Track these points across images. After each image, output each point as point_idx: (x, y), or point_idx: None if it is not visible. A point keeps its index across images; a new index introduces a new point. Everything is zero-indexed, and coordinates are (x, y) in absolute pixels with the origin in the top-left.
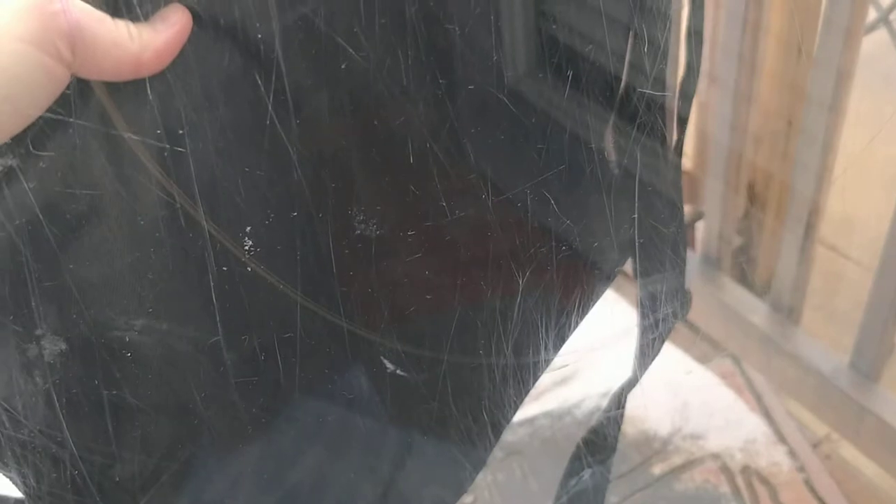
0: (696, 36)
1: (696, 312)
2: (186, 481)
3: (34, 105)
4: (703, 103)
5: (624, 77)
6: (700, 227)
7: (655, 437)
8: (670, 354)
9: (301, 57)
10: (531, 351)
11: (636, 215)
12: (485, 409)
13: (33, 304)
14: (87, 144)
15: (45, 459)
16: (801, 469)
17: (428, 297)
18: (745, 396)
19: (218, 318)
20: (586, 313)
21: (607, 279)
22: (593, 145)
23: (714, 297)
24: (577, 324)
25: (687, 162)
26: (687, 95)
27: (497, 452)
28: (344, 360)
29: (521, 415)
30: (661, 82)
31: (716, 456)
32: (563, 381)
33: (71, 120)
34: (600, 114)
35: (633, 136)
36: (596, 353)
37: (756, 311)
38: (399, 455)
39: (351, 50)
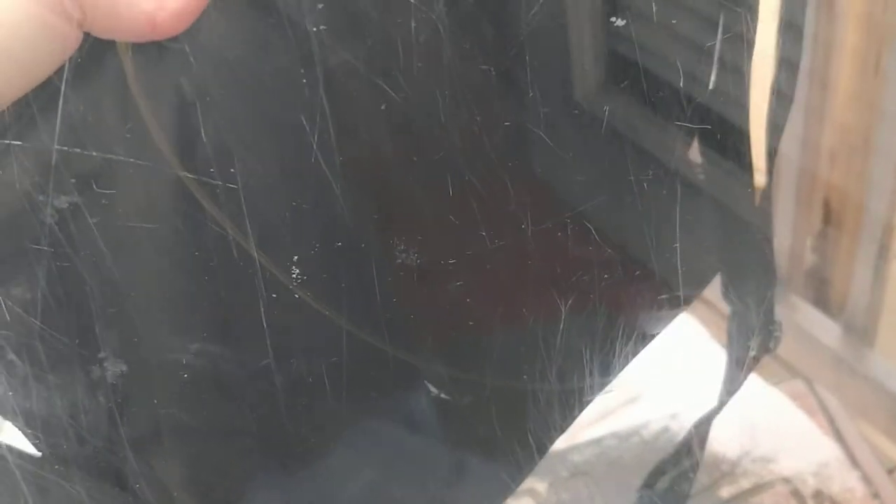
0: (788, 65)
1: None
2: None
3: (40, 65)
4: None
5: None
6: None
7: (724, 460)
8: None
9: (344, 99)
10: (575, 377)
11: (709, 239)
12: (530, 432)
13: (97, 329)
14: (147, 183)
15: (108, 475)
16: (876, 496)
17: (470, 323)
18: (818, 419)
19: (268, 343)
20: (639, 345)
21: (656, 311)
22: (633, 177)
23: (785, 317)
24: (626, 354)
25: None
26: (776, 125)
27: (563, 472)
28: (389, 384)
29: (588, 435)
30: (742, 108)
31: (787, 480)
32: (630, 402)
33: (131, 160)
34: (652, 144)
35: (706, 161)
36: (664, 375)
37: (829, 332)
38: (449, 475)
39: (391, 91)
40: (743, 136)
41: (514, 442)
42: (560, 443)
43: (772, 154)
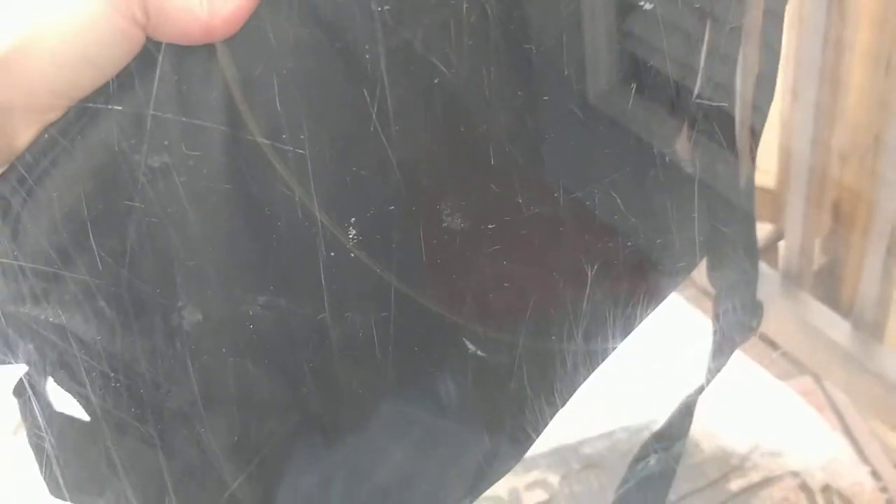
0: (769, 49)
1: (776, 329)
2: (288, 460)
3: (111, 64)
4: (786, 120)
5: (696, 88)
6: (781, 244)
7: (733, 454)
8: (750, 371)
9: (401, 74)
10: (599, 339)
11: (697, 216)
12: (556, 391)
13: (177, 280)
14: (227, 148)
15: (178, 418)
16: (884, 490)
17: (505, 285)
18: (827, 415)
19: (325, 297)
20: (652, 308)
21: (672, 277)
22: (657, 151)
23: (795, 314)
24: (642, 317)
25: (769, 180)
26: (760, 107)
27: (575, 464)
28: (431, 340)
29: (599, 428)
30: (729, 92)
31: (795, 474)
32: (642, 396)
33: (215, 126)
34: (669, 123)
35: (694, 141)
36: (676, 370)
37: (838, 328)
38: (480, 435)
39: (443, 68)
40: (731, 121)
41: (542, 399)
42: (572, 436)
43: (756, 138)
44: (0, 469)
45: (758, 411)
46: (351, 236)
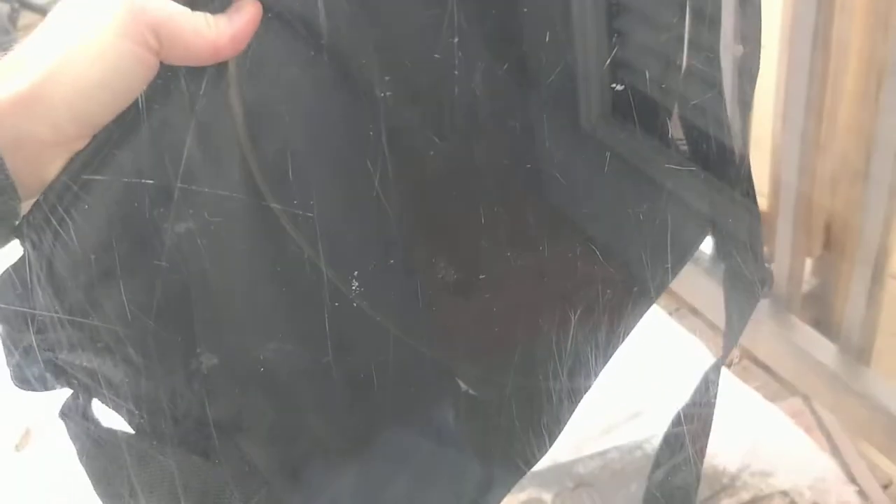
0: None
1: (767, 352)
2: (297, 488)
3: (129, 91)
4: (776, 146)
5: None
6: (773, 266)
7: (724, 473)
8: (741, 392)
9: (400, 147)
10: (582, 375)
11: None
12: (543, 425)
13: (196, 329)
14: (245, 213)
15: (195, 450)
16: None
17: (496, 329)
18: (815, 435)
19: (330, 343)
20: (630, 330)
21: (650, 300)
22: (630, 209)
23: (784, 337)
24: (622, 341)
25: (761, 203)
26: (745, 102)
27: (568, 483)
28: (426, 380)
29: (592, 448)
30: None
31: (784, 493)
32: (634, 416)
33: (235, 195)
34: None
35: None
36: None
37: (826, 351)
38: (473, 466)
39: (437, 140)
40: (723, 107)
41: (530, 433)
42: (566, 455)
43: (746, 124)
44: (2, 484)
45: (748, 432)
46: (354, 288)
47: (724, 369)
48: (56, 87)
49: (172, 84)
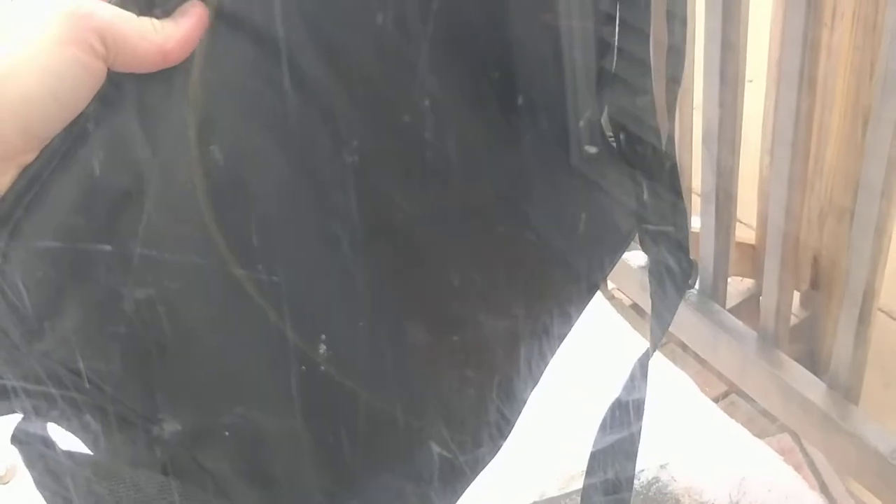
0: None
1: (754, 387)
2: None
3: (77, 100)
4: (762, 185)
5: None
6: (762, 299)
7: None
8: (728, 428)
9: (368, 215)
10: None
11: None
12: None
13: (158, 396)
14: (209, 278)
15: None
16: None
17: (470, 391)
18: (805, 473)
19: (298, 407)
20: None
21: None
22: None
23: (771, 373)
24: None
25: (750, 236)
26: (673, 78)
27: None
28: (398, 443)
29: (579, 483)
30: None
31: None
32: None
33: (198, 261)
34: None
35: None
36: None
37: (814, 388)
38: None
39: (405, 205)
40: (648, 96)
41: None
42: (554, 489)
43: (671, 107)
44: None
45: (736, 469)
46: (321, 352)
47: (711, 404)
48: (5, 97)
49: (122, 92)
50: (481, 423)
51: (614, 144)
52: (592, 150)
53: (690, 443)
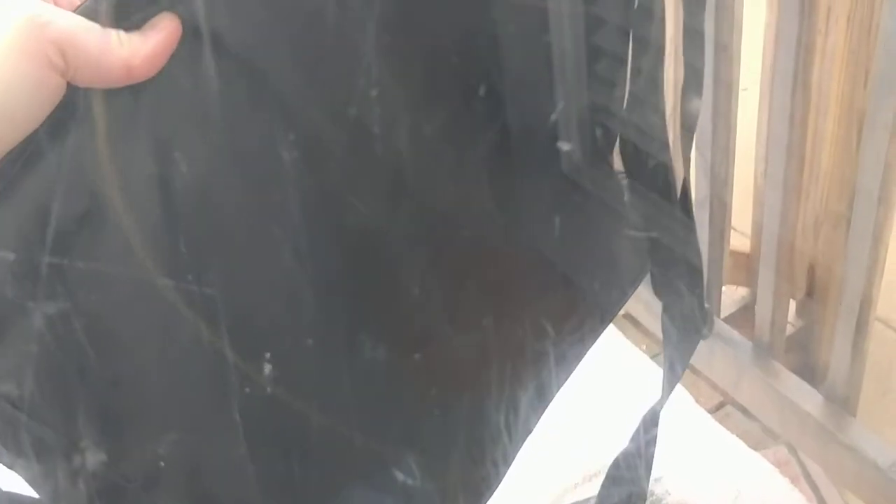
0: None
1: (749, 399)
2: None
3: (31, 116)
4: (757, 192)
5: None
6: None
7: None
8: (723, 440)
9: (315, 216)
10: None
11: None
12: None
13: (79, 422)
14: (129, 290)
15: None
16: None
17: (436, 412)
18: (801, 486)
19: (242, 433)
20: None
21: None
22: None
23: (767, 384)
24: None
25: (745, 244)
26: (688, 128)
27: None
28: (357, 470)
29: (572, 497)
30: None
31: None
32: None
33: (115, 270)
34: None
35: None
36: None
37: (811, 400)
38: None
39: (360, 207)
40: (662, 143)
41: None
42: None
43: (686, 155)
44: None
45: (732, 481)
46: (266, 372)
47: (705, 415)
48: None
49: (82, 108)
50: (452, 448)
51: (625, 182)
52: (566, 146)
53: (685, 455)
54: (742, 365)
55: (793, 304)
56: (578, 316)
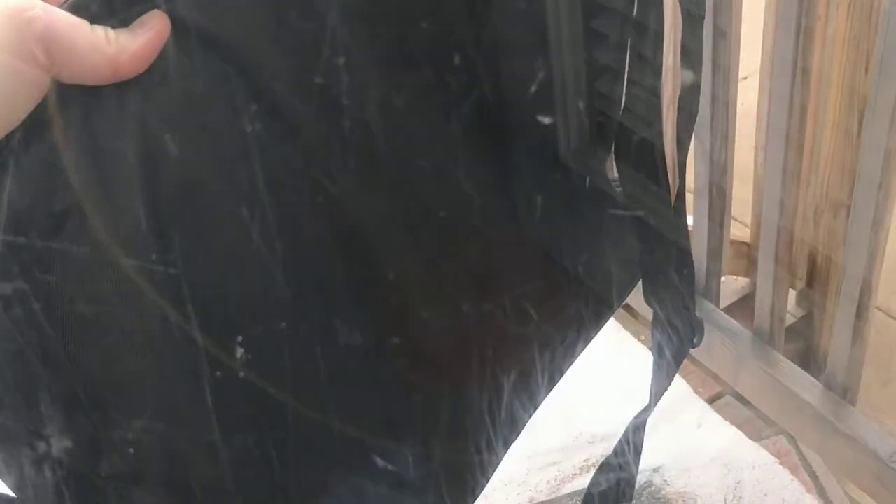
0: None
1: (749, 389)
2: None
3: (13, 112)
4: (757, 180)
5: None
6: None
7: None
8: (723, 430)
9: (281, 190)
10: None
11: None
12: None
13: (42, 407)
14: (89, 270)
15: None
16: None
17: (416, 398)
18: (801, 476)
19: (213, 419)
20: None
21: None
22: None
23: (766, 373)
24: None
25: (746, 234)
26: (682, 140)
27: None
28: (335, 456)
29: (569, 488)
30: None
31: None
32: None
33: (73, 248)
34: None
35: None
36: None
37: (811, 389)
38: None
39: (326, 184)
40: (657, 153)
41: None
42: (543, 495)
43: (682, 167)
44: None
45: (731, 472)
46: (238, 356)
47: (705, 405)
48: None
49: (66, 104)
50: (433, 435)
51: (620, 189)
52: (546, 120)
53: (684, 446)
54: (741, 355)
55: (793, 295)
56: (562, 299)
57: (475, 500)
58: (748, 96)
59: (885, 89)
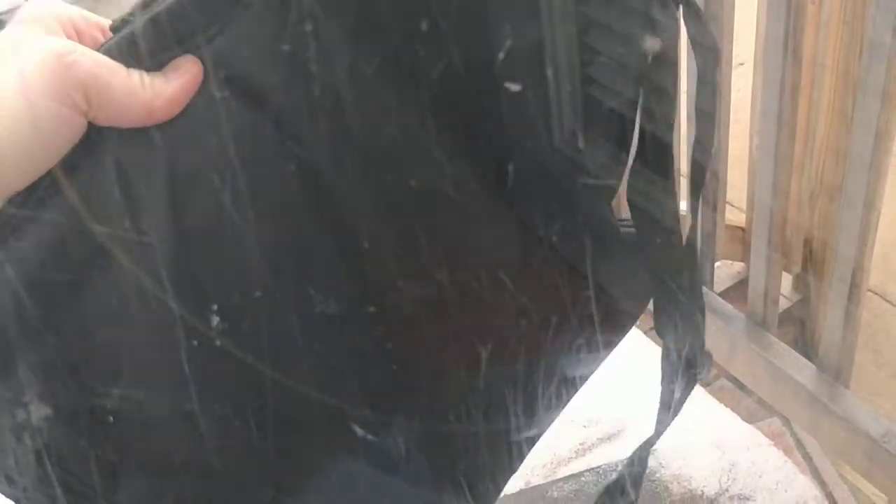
0: (706, 115)
1: (743, 371)
2: None
3: (50, 155)
4: (752, 165)
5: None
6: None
7: (702, 497)
8: (717, 413)
9: (253, 157)
10: (500, 419)
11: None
12: (462, 473)
13: (20, 374)
14: (63, 237)
15: None
16: None
17: (393, 367)
18: (795, 458)
19: (192, 388)
20: (564, 383)
21: (583, 351)
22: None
23: (761, 356)
24: (548, 394)
25: (741, 219)
26: (698, 164)
27: None
28: (315, 426)
29: (567, 470)
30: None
31: None
32: (609, 438)
33: (47, 216)
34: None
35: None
36: (643, 412)
37: (804, 371)
38: None
39: (300, 151)
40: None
41: (448, 483)
42: (539, 478)
43: (696, 194)
44: None
45: (726, 454)
46: (214, 324)
47: (699, 388)
48: None
49: (100, 146)
50: (412, 406)
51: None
52: (514, 87)
53: (679, 428)
54: (736, 338)
55: (789, 279)
56: (537, 269)
57: (464, 485)
58: (744, 83)
59: (876, 70)
